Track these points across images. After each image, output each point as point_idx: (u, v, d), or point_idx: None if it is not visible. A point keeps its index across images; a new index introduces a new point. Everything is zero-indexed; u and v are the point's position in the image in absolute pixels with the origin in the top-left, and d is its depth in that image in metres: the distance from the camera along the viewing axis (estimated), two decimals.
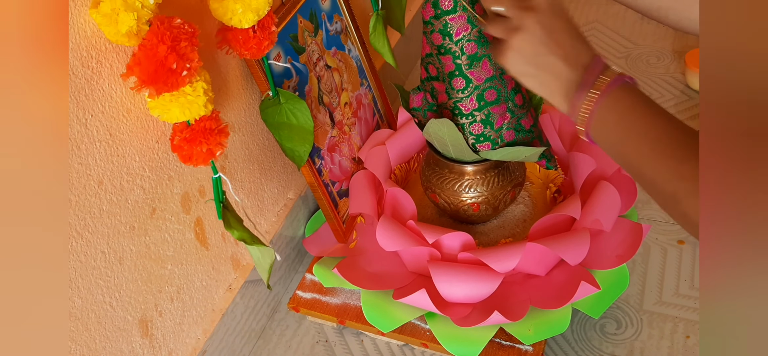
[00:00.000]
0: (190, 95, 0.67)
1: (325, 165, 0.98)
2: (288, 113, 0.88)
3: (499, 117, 0.88)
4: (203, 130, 0.71)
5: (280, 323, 1.00)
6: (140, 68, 0.63)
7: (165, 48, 0.63)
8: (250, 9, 0.74)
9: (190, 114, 0.69)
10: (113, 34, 0.62)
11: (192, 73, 0.66)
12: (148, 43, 0.63)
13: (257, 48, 0.78)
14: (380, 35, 0.99)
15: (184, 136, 0.71)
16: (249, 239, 0.79)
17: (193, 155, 0.71)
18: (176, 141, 0.71)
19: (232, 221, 0.78)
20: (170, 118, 0.68)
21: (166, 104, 0.67)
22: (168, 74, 0.64)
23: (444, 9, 0.84)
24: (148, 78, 0.64)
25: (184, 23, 0.65)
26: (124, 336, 0.76)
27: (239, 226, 0.79)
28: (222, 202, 0.79)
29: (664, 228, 1.04)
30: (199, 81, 0.68)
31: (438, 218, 1.04)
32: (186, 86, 0.67)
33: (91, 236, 0.70)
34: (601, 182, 0.94)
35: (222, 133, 0.73)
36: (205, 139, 0.71)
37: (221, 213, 0.79)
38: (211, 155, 0.72)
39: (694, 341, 0.89)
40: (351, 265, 0.93)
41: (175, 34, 0.64)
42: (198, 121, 0.71)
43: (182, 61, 0.64)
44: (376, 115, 1.14)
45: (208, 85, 0.69)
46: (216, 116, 0.72)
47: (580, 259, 0.87)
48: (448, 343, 0.86)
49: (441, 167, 0.96)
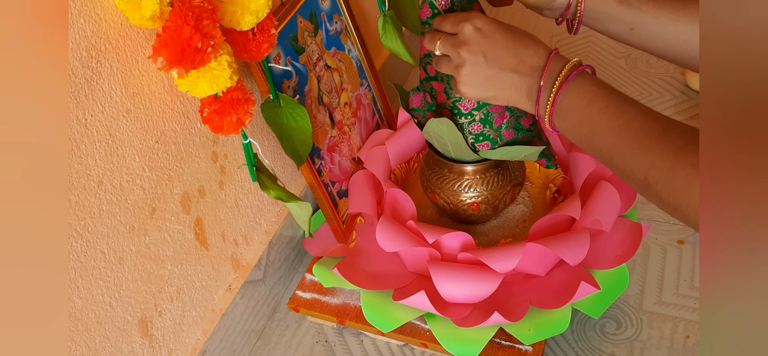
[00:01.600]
0: (216, 70, 0.70)
1: (325, 165, 0.98)
2: (288, 116, 0.88)
3: (498, 116, 0.88)
4: (231, 100, 0.73)
5: (279, 323, 1.00)
6: (167, 50, 0.65)
7: (189, 28, 0.65)
8: (249, 11, 0.73)
9: (217, 87, 0.71)
10: (138, 19, 0.64)
11: (216, 49, 0.68)
12: (173, 24, 0.65)
13: (257, 51, 0.78)
14: (392, 35, 0.99)
15: (214, 108, 0.73)
16: (285, 196, 0.82)
17: (223, 125, 0.74)
18: (206, 114, 0.74)
19: (267, 182, 0.82)
20: (199, 93, 0.71)
21: (194, 80, 0.70)
22: (194, 53, 0.66)
23: (441, 9, 0.84)
24: (175, 58, 0.65)
25: (204, 1, 0.67)
26: (123, 336, 0.76)
27: (274, 185, 0.82)
28: (254, 165, 0.82)
29: (664, 228, 1.04)
30: (222, 55, 0.70)
31: (438, 218, 1.04)
32: (211, 62, 0.69)
33: (91, 237, 0.70)
34: (601, 182, 0.94)
35: (249, 102, 0.75)
36: (234, 109, 0.74)
37: (255, 176, 0.82)
38: (241, 123, 0.75)
39: (694, 341, 0.89)
40: (351, 265, 0.93)
41: (197, 14, 0.65)
42: (225, 93, 0.73)
43: (206, 40, 0.66)
44: (375, 115, 1.14)
45: (231, 57, 0.71)
46: (241, 86, 0.75)
47: (580, 259, 0.87)
48: (448, 343, 0.86)
49: (441, 167, 0.96)
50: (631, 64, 1.38)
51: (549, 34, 1.51)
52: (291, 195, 0.82)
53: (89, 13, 0.65)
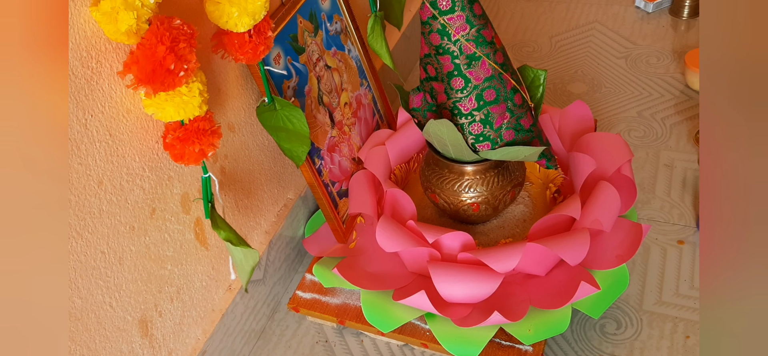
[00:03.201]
0: (186, 96, 0.68)
1: (324, 165, 0.98)
2: (284, 118, 0.88)
3: (498, 117, 0.88)
4: (196, 130, 0.71)
5: (280, 323, 1.00)
6: (138, 67, 0.64)
7: (164, 48, 0.63)
8: (246, 13, 0.73)
9: (184, 114, 0.69)
10: (113, 33, 0.63)
11: (189, 74, 0.66)
12: (147, 42, 0.63)
13: (253, 53, 0.77)
14: (378, 37, 0.99)
15: (177, 135, 0.71)
16: (235, 239, 0.78)
17: (185, 154, 0.72)
18: (169, 140, 0.71)
19: (219, 221, 0.79)
20: (164, 117, 0.69)
21: (161, 102, 0.68)
22: (165, 74, 0.64)
23: (442, 9, 0.84)
24: (145, 77, 0.64)
25: (184, 24, 0.65)
26: (124, 336, 0.76)
27: (226, 226, 0.79)
28: (210, 202, 0.79)
29: (664, 228, 1.04)
30: (195, 82, 0.68)
31: (438, 218, 1.04)
32: (182, 86, 0.67)
33: (91, 236, 0.70)
34: (601, 182, 0.94)
35: (214, 134, 0.73)
36: (198, 139, 0.71)
37: (209, 213, 0.79)
38: (203, 155, 0.72)
39: (694, 341, 0.89)
40: (351, 265, 0.93)
41: (174, 35, 0.64)
42: (192, 121, 0.71)
43: (180, 62, 0.65)
44: (375, 115, 1.14)
45: (203, 86, 0.70)
46: (210, 117, 0.73)
47: (580, 259, 0.87)
48: (448, 343, 0.86)
49: (441, 167, 0.96)
50: (631, 64, 1.38)
51: (549, 33, 1.51)
52: (240, 240, 0.78)
53: (89, 13, 0.65)
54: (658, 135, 1.20)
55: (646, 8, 1.51)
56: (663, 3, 1.50)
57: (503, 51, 0.89)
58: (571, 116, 1.09)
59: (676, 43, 1.41)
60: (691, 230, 1.03)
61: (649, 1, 1.49)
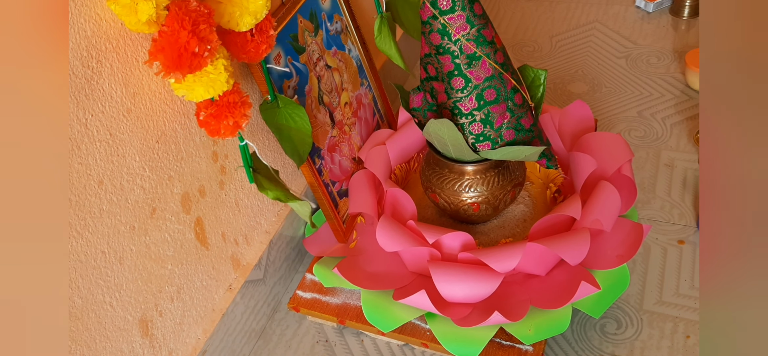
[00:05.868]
0: (213, 74, 0.69)
1: (325, 165, 0.98)
2: (286, 116, 0.88)
3: (498, 116, 0.88)
4: (228, 104, 0.73)
5: (280, 323, 1.00)
6: (164, 55, 0.65)
7: (186, 33, 0.64)
8: (248, 12, 0.73)
9: (214, 91, 0.71)
10: (133, 24, 0.64)
11: (212, 53, 0.67)
12: (169, 28, 0.64)
13: (255, 52, 0.78)
14: (387, 38, 0.99)
15: (210, 112, 0.73)
16: (284, 196, 0.81)
17: (220, 128, 0.73)
18: (203, 117, 0.73)
19: (265, 183, 0.81)
20: (195, 97, 0.70)
21: (190, 85, 0.69)
22: (191, 58, 0.65)
23: (442, 8, 0.84)
24: (172, 64, 0.65)
25: (200, 5, 0.66)
26: (124, 336, 0.76)
27: (272, 185, 0.81)
28: (251, 167, 0.81)
29: (664, 228, 1.04)
30: (219, 59, 0.69)
31: (438, 218, 1.04)
32: (208, 66, 0.68)
33: (91, 236, 0.70)
34: (602, 182, 0.94)
35: (245, 104, 0.75)
36: (230, 112, 0.73)
37: (252, 177, 0.81)
38: (238, 126, 0.74)
39: (694, 341, 0.89)
40: (351, 265, 0.93)
41: (194, 18, 0.65)
42: (222, 96, 0.72)
43: (203, 44, 0.66)
44: (376, 115, 1.14)
45: (227, 61, 0.71)
46: (238, 89, 0.74)
47: (581, 259, 0.87)
48: (448, 343, 0.86)
49: (441, 167, 0.96)
50: (631, 64, 1.37)
51: (549, 33, 1.51)
52: (290, 195, 0.82)
53: (89, 13, 0.65)
54: (658, 135, 1.20)
55: (647, 8, 1.51)
56: (663, 3, 1.50)
57: (503, 51, 0.89)
58: (571, 116, 1.09)
59: (676, 43, 1.41)
60: (691, 230, 1.03)
61: (649, 1, 1.49)
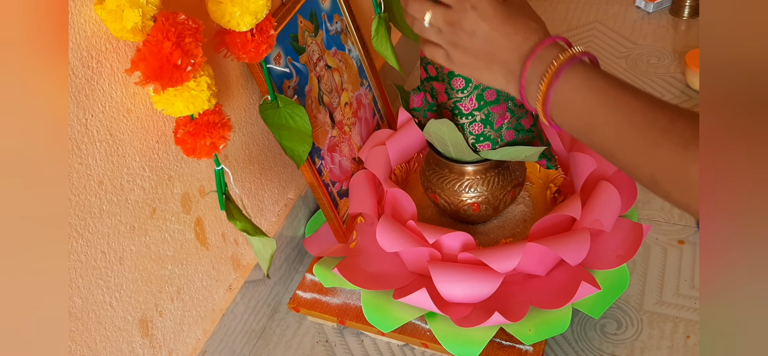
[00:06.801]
0: (194, 90, 0.68)
1: (325, 165, 0.98)
2: (287, 116, 0.88)
3: (498, 117, 0.88)
4: (207, 123, 0.71)
5: (280, 323, 1.00)
6: (145, 64, 0.64)
7: (170, 44, 0.63)
8: (248, 12, 0.73)
9: (194, 108, 0.69)
10: (118, 31, 0.63)
11: (196, 69, 0.66)
12: (153, 38, 0.64)
13: (255, 52, 0.77)
14: (383, 38, 0.99)
15: (188, 129, 0.71)
16: (251, 229, 0.79)
17: (197, 148, 0.72)
18: (180, 135, 0.72)
19: (234, 212, 0.79)
20: (174, 112, 0.69)
21: (170, 98, 0.68)
22: (173, 70, 0.64)
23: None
24: (152, 74, 0.64)
25: (188, 19, 0.66)
26: (124, 336, 0.76)
27: (241, 217, 0.80)
28: (224, 194, 0.79)
29: (664, 228, 1.04)
30: (202, 76, 0.68)
31: (438, 218, 1.04)
32: (190, 81, 0.67)
33: (91, 236, 0.70)
34: (602, 182, 0.94)
35: (225, 126, 0.73)
36: (208, 132, 0.72)
37: (224, 204, 0.79)
38: (215, 148, 0.73)
39: (694, 341, 0.89)
40: (351, 265, 0.93)
41: (179, 30, 0.64)
42: (201, 115, 0.71)
43: (187, 57, 0.65)
44: (376, 115, 1.14)
45: (211, 79, 0.70)
46: (219, 110, 0.73)
47: (581, 259, 0.87)
48: (448, 343, 0.86)
49: (441, 167, 0.96)
50: (631, 64, 1.37)
51: None
52: (256, 229, 0.79)
53: (89, 13, 0.65)
54: None
55: (647, 8, 1.51)
56: (663, 3, 1.50)
57: None
58: None
59: (676, 43, 1.41)
60: (691, 230, 1.02)
61: (649, 1, 1.49)
